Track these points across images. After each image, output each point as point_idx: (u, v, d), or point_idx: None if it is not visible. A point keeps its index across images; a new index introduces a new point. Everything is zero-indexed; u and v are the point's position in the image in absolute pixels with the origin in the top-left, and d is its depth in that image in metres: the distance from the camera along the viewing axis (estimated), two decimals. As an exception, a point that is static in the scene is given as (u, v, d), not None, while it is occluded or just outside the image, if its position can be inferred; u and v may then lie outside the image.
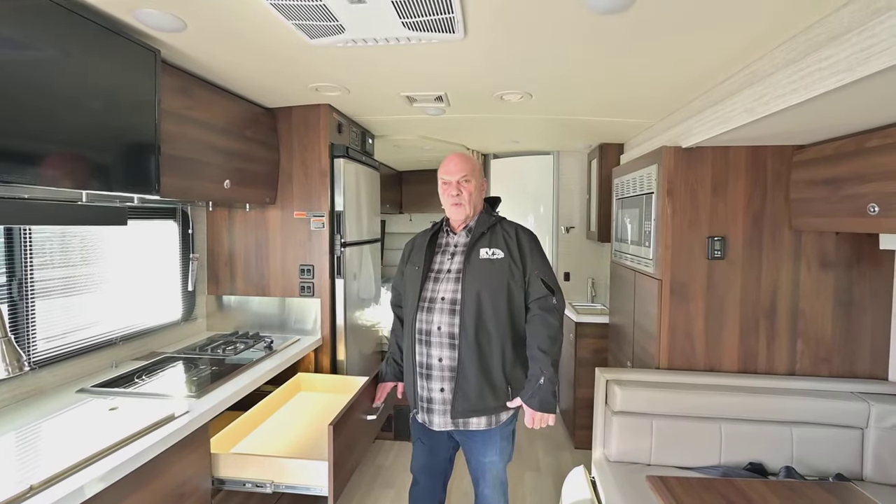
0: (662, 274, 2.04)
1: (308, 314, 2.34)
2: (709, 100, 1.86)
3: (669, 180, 2.00)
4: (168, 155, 1.56)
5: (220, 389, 1.59)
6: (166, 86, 1.56)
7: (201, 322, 2.38)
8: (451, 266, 1.54)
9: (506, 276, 1.48)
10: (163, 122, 1.51)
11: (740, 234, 1.98)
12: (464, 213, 1.55)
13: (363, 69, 1.74)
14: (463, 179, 1.54)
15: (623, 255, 2.54)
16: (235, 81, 1.91)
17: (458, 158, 1.56)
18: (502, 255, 1.50)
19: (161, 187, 1.49)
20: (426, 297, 1.52)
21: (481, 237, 1.53)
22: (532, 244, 1.55)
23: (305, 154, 2.30)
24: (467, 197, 1.54)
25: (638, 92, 1.95)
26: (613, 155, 3.05)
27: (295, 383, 2.13)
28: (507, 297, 1.47)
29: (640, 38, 1.41)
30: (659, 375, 1.98)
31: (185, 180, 1.71)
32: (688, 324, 2.03)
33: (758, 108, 1.47)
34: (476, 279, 1.47)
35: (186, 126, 1.70)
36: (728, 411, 1.82)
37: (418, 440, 1.62)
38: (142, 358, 1.93)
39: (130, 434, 1.25)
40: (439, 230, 1.63)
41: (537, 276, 1.51)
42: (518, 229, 1.57)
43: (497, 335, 1.46)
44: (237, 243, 2.38)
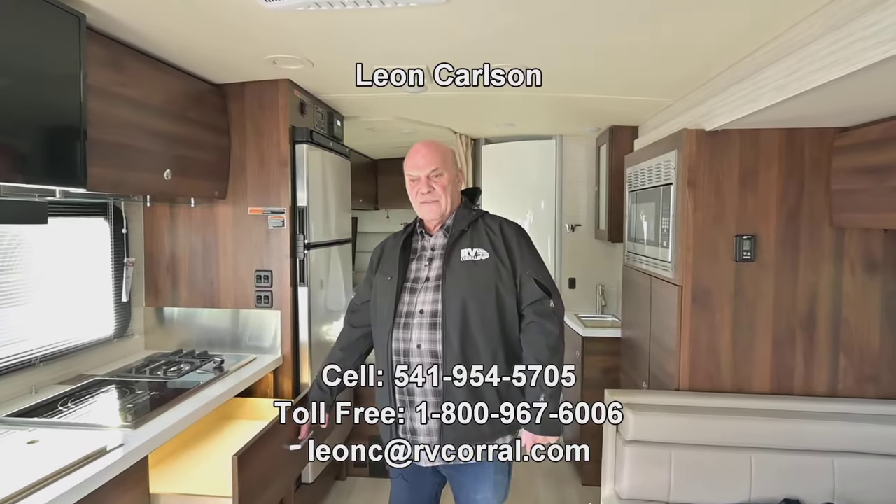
0: (683, 279, 2.05)
1: (266, 329, 2.34)
2: (734, 75, 1.86)
3: (691, 169, 2.01)
4: (96, 140, 1.54)
5: (162, 418, 1.59)
6: (93, 57, 1.54)
7: (138, 339, 2.38)
8: (430, 273, 1.54)
9: (493, 279, 1.48)
10: (90, 101, 1.49)
11: (773, 231, 1.99)
12: (438, 211, 1.55)
13: (330, 38, 1.73)
14: (433, 174, 1.54)
15: (637, 257, 2.56)
16: (176, 52, 1.88)
17: (426, 149, 1.55)
18: (487, 255, 1.50)
19: (88, 179, 1.47)
20: (402, 311, 1.52)
21: (461, 236, 1.53)
22: (520, 239, 1.56)
23: (261, 139, 2.29)
24: (441, 193, 1.54)
25: (654, 64, 1.95)
26: (626, 140, 3.06)
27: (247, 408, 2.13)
28: (496, 304, 1.48)
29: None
30: (679, 398, 1.98)
31: (118, 170, 1.69)
32: (712, 337, 2.04)
33: (791, 84, 1.47)
34: (458, 286, 1.47)
35: (118, 105, 1.68)
36: (759, 439, 1.82)
37: (398, 476, 1.63)
38: (67, 382, 1.91)
39: (53, 472, 1.23)
40: (413, 233, 1.63)
41: (530, 275, 1.51)
42: (503, 223, 1.58)
43: (487, 349, 1.47)
44: (180, 245, 2.38)
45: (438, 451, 1.47)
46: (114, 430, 1.50)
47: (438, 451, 1.47)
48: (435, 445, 1.47)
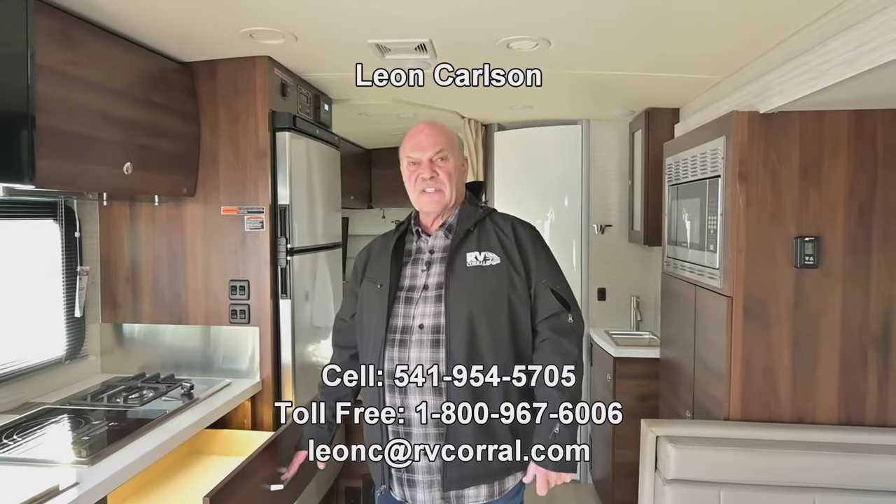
0: (733, 289, 2.03)
1: (242, 349, 2.33)
2: (794, 48, 1.85)
3: (742, 159, 1.99)
4: (46, 128, 1.52)
5: (122, 453, 1.58)
6: (43, 31, 1.52)
7: (93, 361, 2.37)
8: (429, 280, 1.54)
9: (505, 289, 1.49)
10: (39, 84, 1.46)
11: (840, 232, 1.97)
12: (442, 202, 1.56)
13: (316, 6, 1.73)
14: (438, 156, 1.54)
15: (679, 263, 2.55)
16: (137, 25, 1.88)
17: (430, 128, 1.56)
18: (498, 261, 1.51)
19: (37, 173, 1.44)
20: (396, 325, 1.52)
21: (467, 237, 1.54)
22: (536, 242, 1.58)
23: (236, 126, 2.28)
24: (446, 179, 1.54)
25: (698, 35, 1.94)
26: (665, 124, 3.04)
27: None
28: (508, 317, 1.49)
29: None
30: (728, 429, 1.97)
31: (71, 163, 1.68)
32: (768, 357, 2.02)
33: (862, 57, 1.45)
34: (464, 295, 1.47)
35: (71, 88, 1.66)
36: (824, 478, 1.81)
37: None
38: (11, 411, 1.89)
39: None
40: (406, 232, 1.64)
41: (546, 285, 1.52)
42: (515, 223, 1.59)
43: (498, 370, 1.47)
44: (142, 251, 2.37)
45: (443, 492, 1.47)
46: (67, 466, 1.49)
47: (443, 491, 1.47)
48: (436, 485, 1.48)
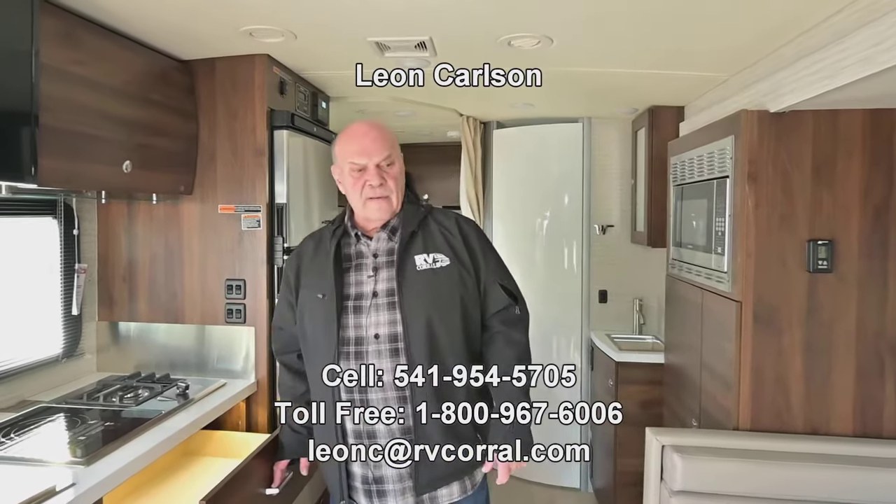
0: (742, 293, 2.00)
1: (237, 349, 2.30)
2: (807, 45, 1.81)
3: (751, 160, 1.95)
4: (49, 127, 1.54)
5: (118, 454, 1.58)
6: (48, 31, 1.54)
7: (89, 359, 2.35)
8: (378, 286, 1.50)
9: (457, 290, 1.50)
10: (42, 83, 1.48)
11: (855, 235, 1.93)
12: (390, 209, 1.53)
13: (316, 4, 1.74)
14: (385, 162, 1.50)
15: (684, 265, 2.52)
16: (137, 23, 1.90)
17: (375, 131, 1.51)
18: (448, 262, 1.51)
19: (39, 172, 1.45)
20: (348, 336, 1.48)
21: (412, 238, 1.52)
22: (481, 239, 1.59)
23: (234, 124, 2.28)
24: (394, 186, 1.51)
25: (706, 32, 1.92)
26: (669, 123, 3.02)
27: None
28: (461, 317, 1.50)
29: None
30: (738, 439, 1.93)
31: (72, 162, 1.69)
32: (779, 365, 1.98)
33: (879, 56, 1.42)
34: (420, 301, 1.46)
35: (74, 87, 1.69)
36: (839, 492, 1.77)
37: None
38: (9, 409, 1.88)
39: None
40: (343, 234, 1.58)
41: (494, 281, 1.55)
42: (459, 221, 1.59)
43: (457, 369, 1.49)
44: (139, 249, 2.36)
45: (416, 496, 1.48)
46: (63, 466, 1.49)
47: (416, 495, 1.48)
48: (408, 491, 1.48)
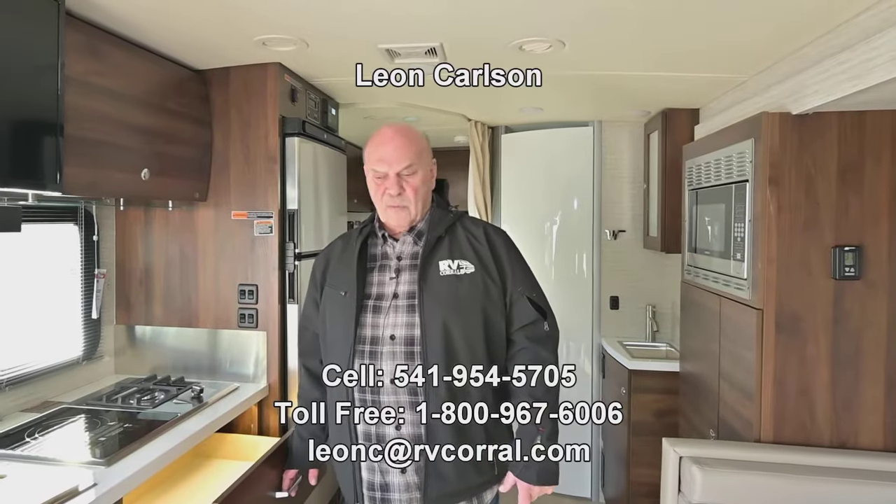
0: (764, 300, 1.95)
1: (248, 353, 2.33)
2: (833, 44, 1.77)
3: (774, 163, 1.91)
4: (72, 137, 1.58)
5: (137, 455, 1.61)
6: (72, 45, 1.59)
7: (108, 362, 2.40)
8: (399, 288, 1.50)
9: (480, 298, 1.48)
10: (67, 94, 1.53)
11: (885, 241, 1.88)
12: (408, 218, 1.53)
13: (328, 13, 1.78)
14: (406, 171, 1.49)
15: (701, 272, 2.47)
16: (155, 35, 1.95)
17: (400, 137, 1.50)
18: (473, 269, 1.49)
19: (63, 180, 1.50)
20: (365, 335, 1.48)
21: (438, 243, 1.52)
22: (510, 249, 1.57)
23: (247, 131, 2.31)
24: (412, 196, 1.50)
25: (722, 32, 1.90)
26: (684, 125, 2.98)
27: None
28: (483, 327, 1.48)
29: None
30: (760, 452, 1.88)
31: (93, 170, 1.74)
32: (804, 375, 1.93)
33: None
34: (439, 305, 1.45)
35: (95, 97, 1.73)
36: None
37: None
38: (33, 409, 1.93)
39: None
40: (370, 234, 1.58)
41: (522, 293, 1.52)
42: (488, 229, 1.58)
43: (475, 376, 1.47)
44: (156, 255, 2.41)
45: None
46: (84, 467, 1.53)
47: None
48: (415, 502, 1.45)
